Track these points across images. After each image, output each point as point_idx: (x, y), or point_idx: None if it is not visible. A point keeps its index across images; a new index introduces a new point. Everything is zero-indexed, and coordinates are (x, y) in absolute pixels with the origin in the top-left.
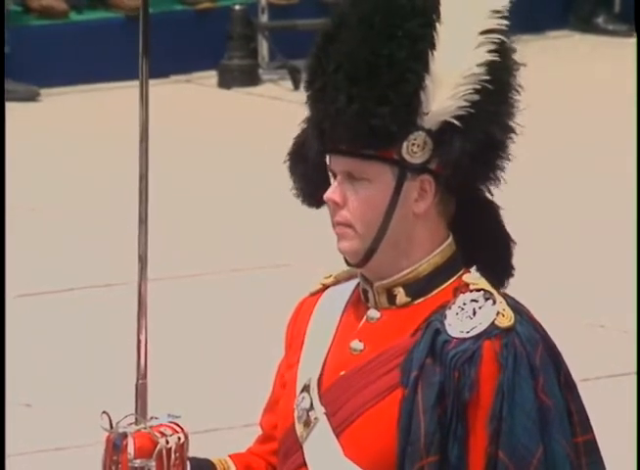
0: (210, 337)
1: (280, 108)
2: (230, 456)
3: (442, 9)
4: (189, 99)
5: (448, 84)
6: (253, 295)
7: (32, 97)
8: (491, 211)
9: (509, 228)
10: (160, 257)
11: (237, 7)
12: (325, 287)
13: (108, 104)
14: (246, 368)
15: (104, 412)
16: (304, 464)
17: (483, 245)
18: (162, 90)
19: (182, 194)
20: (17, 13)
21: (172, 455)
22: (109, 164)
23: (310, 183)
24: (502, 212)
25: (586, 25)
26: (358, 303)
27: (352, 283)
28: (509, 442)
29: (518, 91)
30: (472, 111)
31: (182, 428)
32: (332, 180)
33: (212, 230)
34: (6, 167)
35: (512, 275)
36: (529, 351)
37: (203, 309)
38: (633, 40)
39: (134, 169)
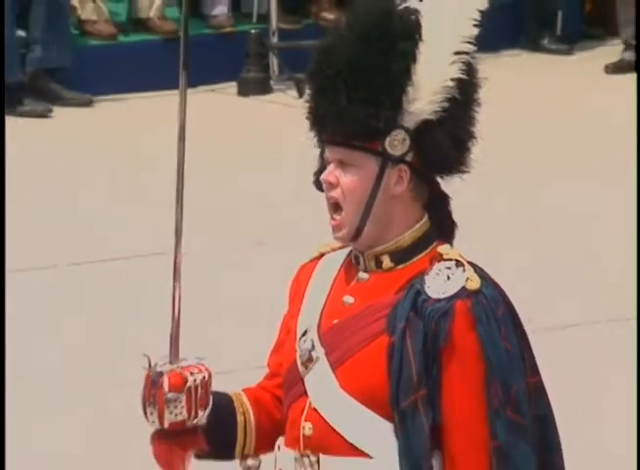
0: (229, 300)
1: (288, 112)
2: (243, 390)
3: (424, 31)
4: (213, 106)
5: (426, 92)
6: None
7: (87, 103)
8: (446, 200)
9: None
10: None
11: (253, 31)
12: (321, 254)
13: (148, 110)
14: (258, 321)
15: (144, 355)
16: (305, 393)
17: (437, 223)
18: (191, 99)
19: (207, 186)
20: (75, 36)
21: (199, 390)
22: (150, 160)
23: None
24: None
25: (533, 45)
26: (350, 266)
27: (345, 251)
28: (495, 377)
29: (479, 104)
30: (444, 115)
31: (206, 368)
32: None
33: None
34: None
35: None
36: (493, 307)
37: (224, 278)
38: (573, 58)
39: (173, 165)
